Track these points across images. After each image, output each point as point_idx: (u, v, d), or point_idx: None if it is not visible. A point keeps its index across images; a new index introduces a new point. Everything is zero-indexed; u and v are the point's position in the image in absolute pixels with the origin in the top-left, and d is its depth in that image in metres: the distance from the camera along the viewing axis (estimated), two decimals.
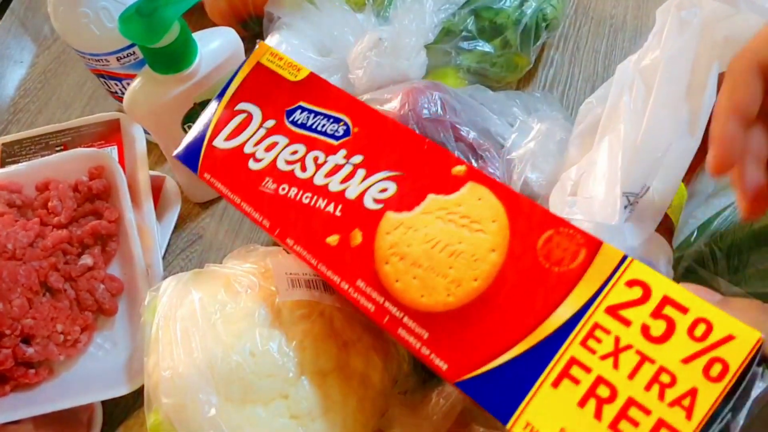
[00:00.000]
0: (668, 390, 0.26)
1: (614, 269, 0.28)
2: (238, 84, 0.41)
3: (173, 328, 0.36)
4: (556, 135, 0.49)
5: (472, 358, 0.29)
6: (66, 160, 0.54)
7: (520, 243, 0.30)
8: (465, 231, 0.32)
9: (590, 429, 0.26)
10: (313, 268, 0.34)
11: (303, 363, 0.36)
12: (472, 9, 0.60)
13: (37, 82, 0.75)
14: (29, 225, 0.50)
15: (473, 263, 0.31)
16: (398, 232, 0.33)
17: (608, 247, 0.29)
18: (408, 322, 0.31)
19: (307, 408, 0.35)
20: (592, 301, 0.28)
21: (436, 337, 0.30)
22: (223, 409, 0.34)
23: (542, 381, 0.28)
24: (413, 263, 0.32)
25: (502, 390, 0.28)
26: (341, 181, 0.35)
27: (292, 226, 0.35)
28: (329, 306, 0.39)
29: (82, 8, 0.53)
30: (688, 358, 0.26)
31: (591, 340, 0.27)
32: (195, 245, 0.60)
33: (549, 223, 0.30)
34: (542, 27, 0.61)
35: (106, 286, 0.51)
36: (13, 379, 0.47)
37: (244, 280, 0.38)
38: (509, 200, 0.31)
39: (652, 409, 0.26)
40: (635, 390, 0.26)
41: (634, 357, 0.27)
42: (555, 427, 0.27)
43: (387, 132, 0.36)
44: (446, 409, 0.38)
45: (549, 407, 0.27)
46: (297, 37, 0.62)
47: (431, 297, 0.31)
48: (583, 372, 0.27)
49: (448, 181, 0.33)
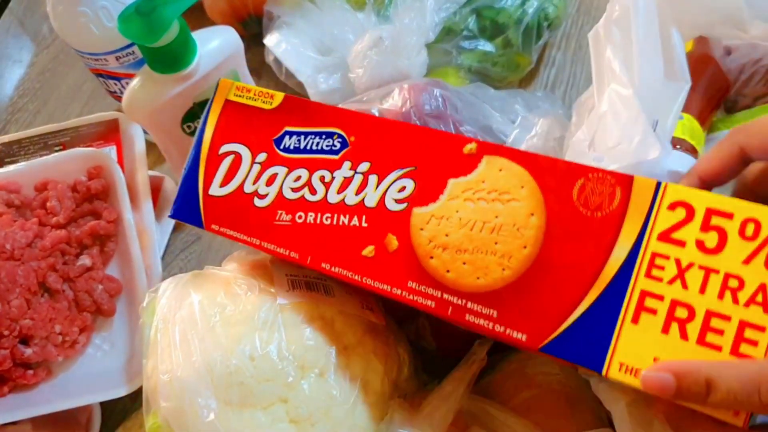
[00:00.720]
0: (740, 293, 0.27)
1: (653, 198, 0.29)
2: (213, 128, 0.39)
3: (172, 331, 0.36)
4: (558, 132, 0.49)
5: (547, 321, 0.30)
6: (64, 160, 0.53)
7: (555, 200, 0.30)
8: (498, 204, 0.31)
9: (680, 350, 0.27)
10: (359, 284, 0.34)
11: (303, 367, 0.36)
12: (473, 8, 0.59)
13: (35, 82, 0.74)
14: (28, 225, 0.50)
15: (517, 232, 0.31)
16: (431, 225, 0.33)
17: (640, 179, 0.29)
18: (473, 307, 0.31)
19: (306, 412, 0.35)
20: (642, 234, 0.29)
21: (506, 312, 0.31)
22: (221, 414, 0.34)
23: (621, 322, 0.28)
24: (458, 250, 0.32)
25: (587, 342, 0.29)
26: (356, 192, 0.35)
27: (322, 251, 0.35)
28: (330, 309, 0.39)
29: (81, 7, 0.53)
30: (747, 259, 0.27)
31: (654, 269, 0.28)
32: (194, 246, 0.60)
33: (576, 173, 0.30)
34: (544, 26, 0.61)
35: (105, 286, 0.50)
36: (12, 380, 0.46)
37: (243, 282, 0.38)
38: (530, 163, 0.31)
39: (731, 315, 0.27)
40: (710, 302, 0.27)
41: (699, 273, 0.28)
42: (648, 360, 0.28)
43: (385, 132, 0.35)
44: (445, 412, 0.38)
45: (636, 343, 0.28)
46: (297, 36, 0.62)
47: (488, 276, 0.31)
48: (657, 301, 0.28)
49: (463, 161, 0.33)
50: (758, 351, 0.26)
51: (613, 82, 0.39)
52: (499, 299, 0.31)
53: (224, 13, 0.67)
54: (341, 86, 0.60)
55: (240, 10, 0.67)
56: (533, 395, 0.41)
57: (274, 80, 0.65)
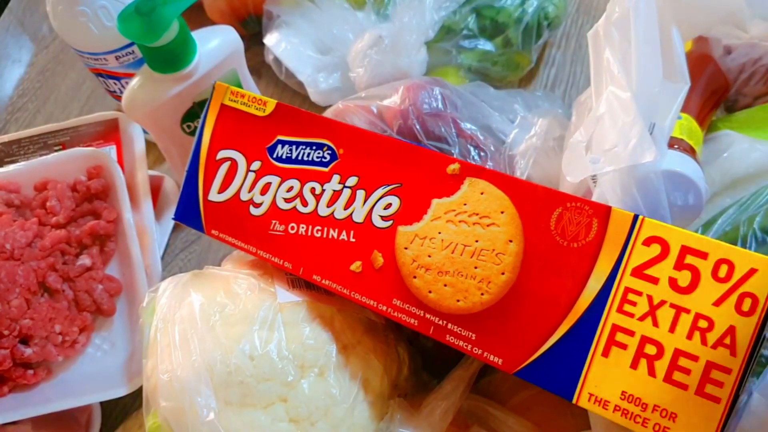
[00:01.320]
0: (708, 334, 0.27)
1: (629, 231, 0.29)
2: (211, 132, 0.40)
3: (172, 331, 0.36)
4: (557, 131, 0.49)
5: (523, 347, 0.30)
6: (64, 160, 0.53)
7: (533, 227, 0.31)
8: (478, 228, 0.32)
9: (648, 386, 0.28)
10: (348, 297, 0.35)
11: (303, 366, 0.36)
12: (473, 7, 0.59)
13: (35, 82, 0.74)
14: (27, 225, 0.50)
15: (496, 258, 0.31)
16: (415, 244, 0.33)
17: (617, 211, 0.29)
18: (453, 328, 0.32)
19: (306, 412, 0.35)
20: (617, 268, 0.29)
21: (484, 335, 0.31)
22: (221, 413, 0.34)
23: (593, 353, 0.29)
24: (439, 271, 0.32)
25: (559, 370, 0.29)
26: (344, 207, 0.35)
27: (314, 263, 0.36)
28: (330, 308, 0.39)
29: (80, 7, 0.53)
30: (718, 300, 0.27)
31: (626, 304, 0.29)
32: (194, 245, 0.60)
33: (555, 201, 0.31)
34: (544, 26, 0.61)
35: (105, 286, 0.50)
36: (12, 380, 0.46)
37: (243, 281, 0.38)
38: (511, 188, 0.32)
39: (699, 355, 0.27)
40: (679, 341, 0.28)
41: (670, 311, 0.28)
42: (616, 393, 0.28)
43: (372, 147, 0.35)
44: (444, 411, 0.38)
45: (606, 376, 0.29)
46: (296, 36, 0.62)
47: (467, 300, 0.32)
48: (628, 336, 0.28)
49: (446, 181, 0.33)
50: (723, 392, 0.27)
51: (611, 84, 0.39)
52: (477, 323, 0.31)
53: (224, 13, 0.67)
54: (341, 85, 0.60)
55: (240, 9, 0.67)
56: (533, 395, 0.41)
57: (274, 80, 0.65)
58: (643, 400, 0.28)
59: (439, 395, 0.38)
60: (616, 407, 0.28)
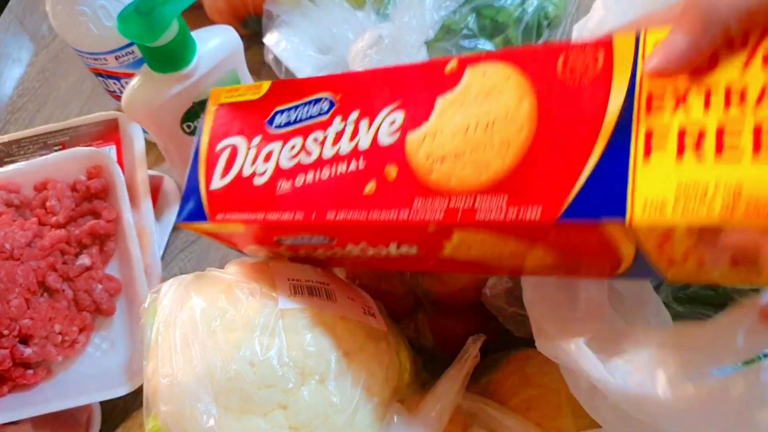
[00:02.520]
0: (747, 97, 0.26)
1: (636, 46, 0.29)
2: (209, 135, 0.39)
3: (173, 334, 0.36)
4: None
5: (558, 188, 0.29)
6: (64, 160, 0.53)
7: (541, 80, 0.30)
8: (487, 102, 0.31)
9: (700, 171, 0.27)
10: (366, 223, 0.33)
11: (303, 373, 0.36)
12: (473, 6, 0.59)
13: (35, 81, 0.74)
14: (27, 225, 0.50)
15: (511, 119, 0.31)
16: (426, 143, 0.32)
17: (619, 35, 0.29)
18: (482, 203, 0.30)
19: (306, 419, 0.35)
20: (633, 79, 0.28)
21: (515, 193, 0.30)
22: (221, 420, 0.34)
23: (633, 163, 0.28)
24: (456, 156, 0.32)
25: (604, 195, 0.28)
26: (350, 139, 0.35)
27: (325, 203, 0.34)
28: (331, 314, 0.38)
29: (80, 7, 0.53)
30: (745, 64, 0.27)
31: (654, 104, 0.28)
32: (194, 245, 0.60)
33: (558, 50, 0.30)
34: (544, 25, 0.60)
35: (104, 286, 0.50)
36: (11, 380, 0.46)
37: (245, 286, 0.38)
38: (510, 57, 0.31)
39: (743, 121, 0.26)
40: (717, 118, 0.27)
41: (699, 93, 0.27)
42: (670, 190, 0.27)
43: (368, 81, 0.35)
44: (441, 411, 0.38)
45: (653, 179, 0.27)
46: (296, 35, 0.62)
47: (490, 169, 0.31)
48: (664, 133, 0.27)
49: (447, 80, 0.33)
50: None
51: None
52: (506, 185, 0.30)
53: (223, 12, 0.67)
54: None
55: (239, 9, 0.67)
56: (533, 395, 0.41)
57: (274, 79, 0.65)
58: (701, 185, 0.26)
59: (434, 396, 0.38)
60: (674, 206, 0.26)
